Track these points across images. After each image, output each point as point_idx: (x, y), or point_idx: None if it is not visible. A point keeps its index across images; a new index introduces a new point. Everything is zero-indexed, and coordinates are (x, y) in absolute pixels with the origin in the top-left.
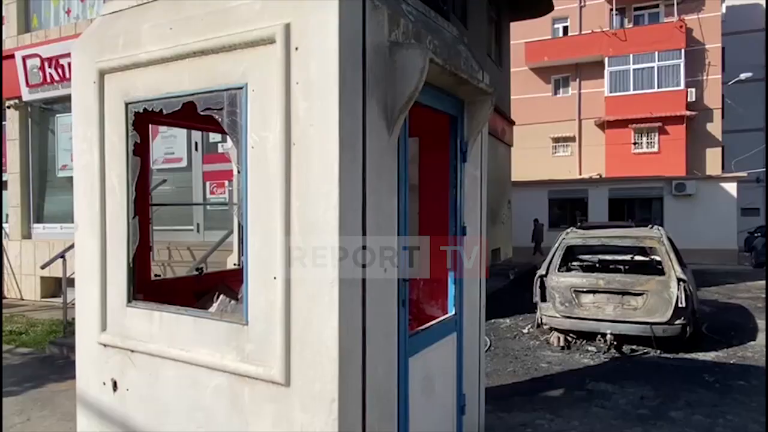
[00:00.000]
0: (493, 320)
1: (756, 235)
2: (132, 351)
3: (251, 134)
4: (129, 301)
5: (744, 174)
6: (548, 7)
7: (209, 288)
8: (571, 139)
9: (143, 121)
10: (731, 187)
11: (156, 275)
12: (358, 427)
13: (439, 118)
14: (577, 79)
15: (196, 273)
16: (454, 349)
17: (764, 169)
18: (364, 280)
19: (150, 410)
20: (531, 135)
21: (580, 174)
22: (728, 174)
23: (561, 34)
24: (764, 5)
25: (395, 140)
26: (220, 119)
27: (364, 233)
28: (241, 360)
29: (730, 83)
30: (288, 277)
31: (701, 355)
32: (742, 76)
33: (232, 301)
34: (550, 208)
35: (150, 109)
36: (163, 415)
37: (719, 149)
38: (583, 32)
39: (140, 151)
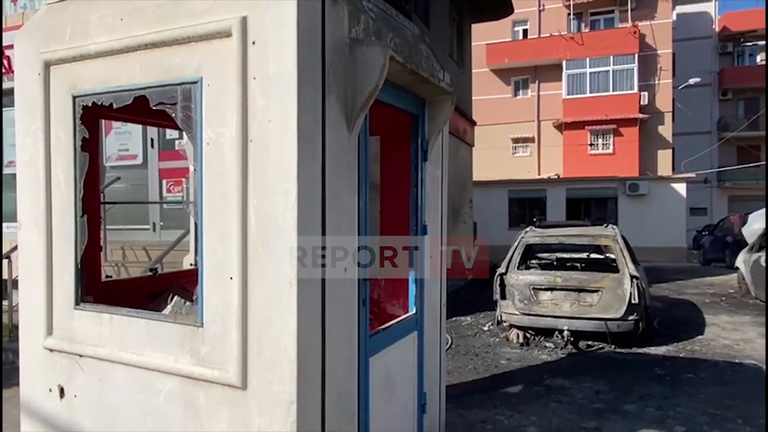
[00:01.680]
0: (454, 318)
1: (703, 233)
2: (80, 355)
3: (207, 130)
4: (77, 303)
5: (693, 175)
6: (508, 10)
7: (164, 289)
8: (531, 139)
9: (92, 115)
10: (681, 188)
11: (107, 276)
12: (317, 429)
13: (400, 116)
14: (537, 81)
15: (150, 274)
16: (415, 348)
17: (710, 170)
18: (323, 280)
19: (99, 417)
20: (492, 135)
21: (539, 174)
22: (678, 175)
23: (521, 36)
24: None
25: (356, 138)
26: (174, 115)
27: (323, 232)
28: (195, 363)
29: (679, 88)
30: (245, 277)
31: (653, 350)
32: (691, 81)
33: (187, 303)
34: (510, 208)
35: (99, 103)
36: (113, 421)
37: (670, 151)
38: (542, 35)
39: (89, 146)
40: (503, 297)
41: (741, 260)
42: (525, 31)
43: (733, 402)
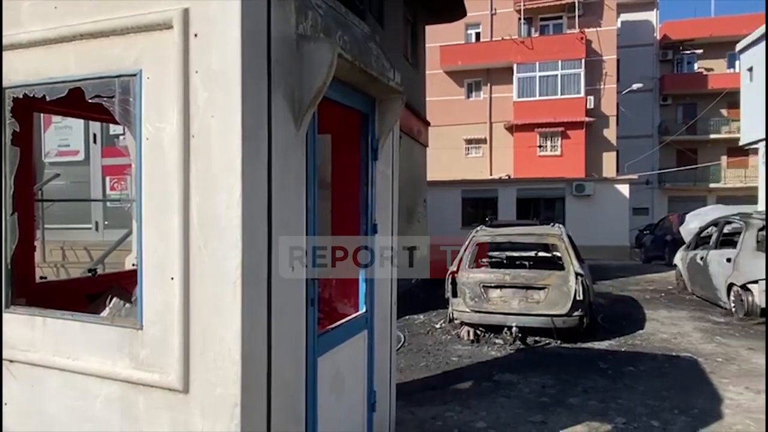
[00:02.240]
0: (407, 316)
1: (645, 232)
2: (11, 361)
3: (146, 125)
4: (7, 306)
5: (635, 176)
6: (461, 13)
7: (104, 290)
8: (483, 141)
9: (26, 108)
10: (624, 189)
11: (42, 277)
12: (262, 431)
13: (350, 115)
14: (489, 84)
15: (90, 275)
16: (365, 347)
17: (652, 172)
18: (269, 279)
19: (33, 425)
20: (446, 136)
21: (491, 174)
22: (621, 176)
23: (474, 39)
24: None
25: (303, 135)
26: (111, 108)
27: (269, 230)
28: (134, 367)
29: (623, 92)
30: (187, 277)
31: (596, 344)
32: (634, 86)
33: (127, 304)
34: (463, 207)
35: (32, 95)
36: (48, 429)
37: (614, 153)
38: (494, 39)
39: (21, 140)
40: (455, 295)
41: (679, 258)
42: (478, 35)
43: (669, 393)
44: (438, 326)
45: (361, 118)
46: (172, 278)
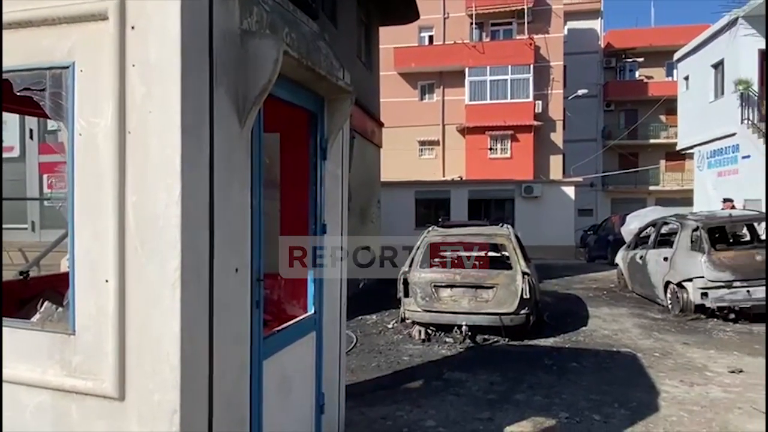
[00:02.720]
0: (360, 317)
1: (589, 232)
2: None
3: (79, 120)
4: None
5: (580, 179)
6: (414, 16)
7: (36, 294)
8: (436, 142)
9: None
10: (570, 191)
11: None
12: None
13: (298, 114)
14: (441, 87)
15: (21, 277)
16: (314, 348)
17: (596, 175)
18: (211, 281)
19: None
20: (399, 137)
21: (444, 176)
22: (568, 179)
23: (427, 42)
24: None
25: (248, 133)
26: (42, 102)
27: (211, 230)
28: (67, 374)
29: (569, 98)
30: (122, 279)
31: (542, 341)
32: (580, 92)
33: (59, 308)
34: (416, 208)
35: None
36: None
37: (561, 156)
38: (446, 42)
39: None
40: (407, 295)
41: (620, 257)
42: (431, 37)
43: (610, 387)
44: (390, 326)
45: (310, 117)
46: (107, 281)
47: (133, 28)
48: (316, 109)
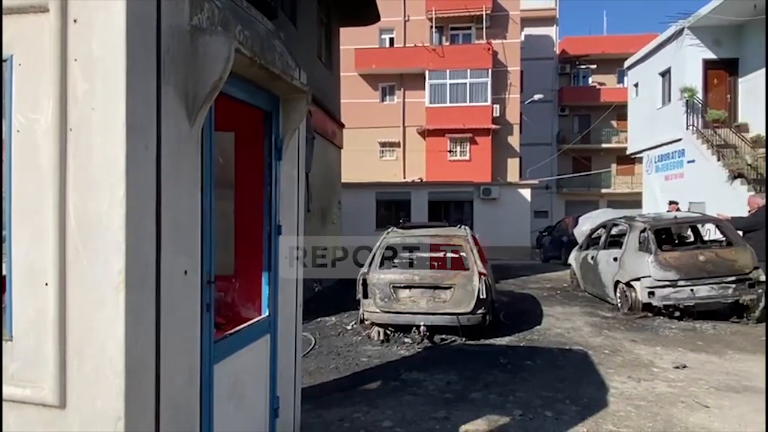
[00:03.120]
0: (319, 319)
1: (544, 234)
2: None
3: (17, 115)
4: None
5: (536, 181)
6: (375, 17)
7: None
8: (397, 144)
9: None
10: (526, 193)
11: None
12: None
13: (253, 113)
14: (402, 89)
15: None
16: (268, 352)
17: (551, 178)
18: (158, 284)
19: None
20: (360, 138)
21: (404, 177)
22: (524, 181)
23: (388, 44)
24: None
25: (198, 131)
26: None
27: (158, 231)
28: (4, 382)
29: (526, 102)
30: (63, 282)
31: (498, 340)
32: (536, 97)
33: None
34: (377, 209)
35: None
36: None
37: (517, 159)
38: (407, 45)
39: None
40: (365, 296)
41: (572, 258)
42: (392, 40)
43: (562, 384)
44: (349, 327)
45: (265, 117)
46: (47, 284)
47: (75, 21)
48: (270, 108)
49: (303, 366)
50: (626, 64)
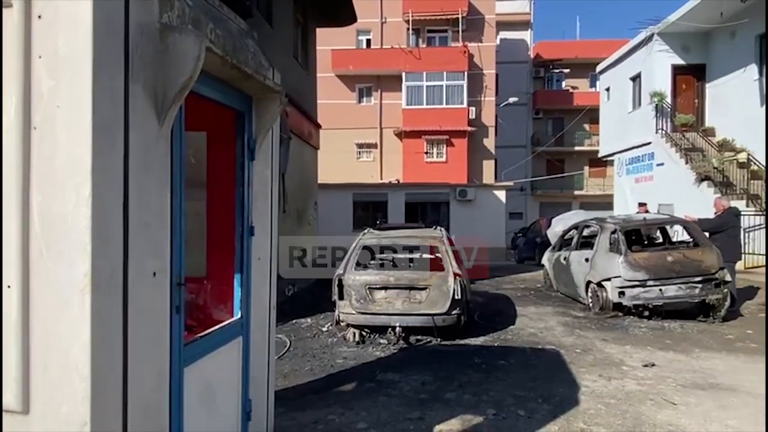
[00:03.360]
0: (294, 320)
1: (518, 235)
2: None
3: None
4: None
5: (511, 183)
6: (352, 19)
7: None
8: (374, 145)
9: None
10: (501, 194)
11: None
12: None
13: (225, 113)
14: (379, 90)
15: None
16: (240, 354)
17: (525, 180)
18: (125, 286)
19: None
20: (337, 139)
21: (381, 179)
22: (499, 183)
23: (365, 45)
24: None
25: (168, 131)
26: None
27: (126, 233)
28: None
29: (501, 105)
30: (26, 285)
31: (473, 341)
32: (511, 100)
33: None
34: (354, 210)
35: None
36: None
37: (493, 161)
38: (384, 47)
39: None
40: (341, 297)
41: (546, 258)
42: (369, 41)
43: (535, 383)
44: (325, 329)
45: (237, 117)
46: (9, 286)
47: (40, 17)
48: (243, 108)
49: (277, 368)
50: (598, 68)
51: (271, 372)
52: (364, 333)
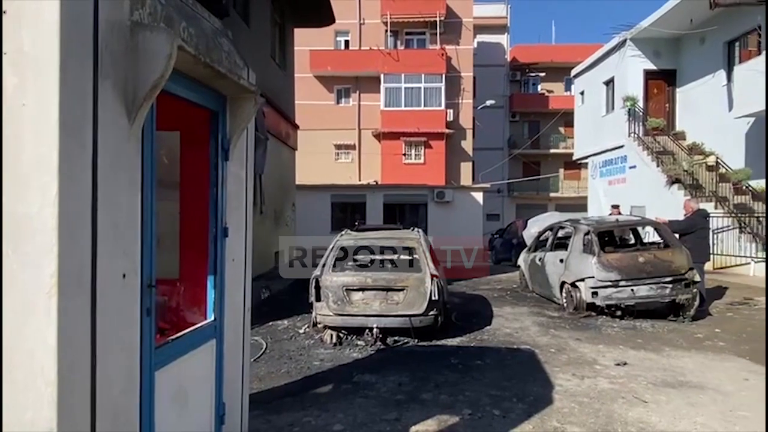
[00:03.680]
0: (271, 323)
1: (496, 236)
2: None
3: None
4: None
5: (488, 185)
6: (330, 19)
7: None
8: (352, 146)
9: None
10: (479, 196)
11: None
12: None
13: (199, 112)
14: (358, 91)
15: None
16: (213, 357)
17: (502, 182)
18: (94, 287)
19: None
20: (315, 140)
21: (360, 180)
22: (477, 185)
23: (343, 46)
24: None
25: (139, 130)
26: None
27: (94, 233)
28: None
29: (479, 108)
30: None
31: (450, 341)
32: (488, 102)
33: None
34: (332, 211)
35: None
36: None
37: (470, 163)
38: (362, 48)
39: None
40: (318, 299)
41: (521, 259)
42: (347, 42)
43: (510, 383)
44: (302, 331)
45: (211, 116)
46: None
47: (5, 12)
48: (217, 107)
49: (253, 371)
50: (573, 72)
51: (246, 375)
52: (341, 334)
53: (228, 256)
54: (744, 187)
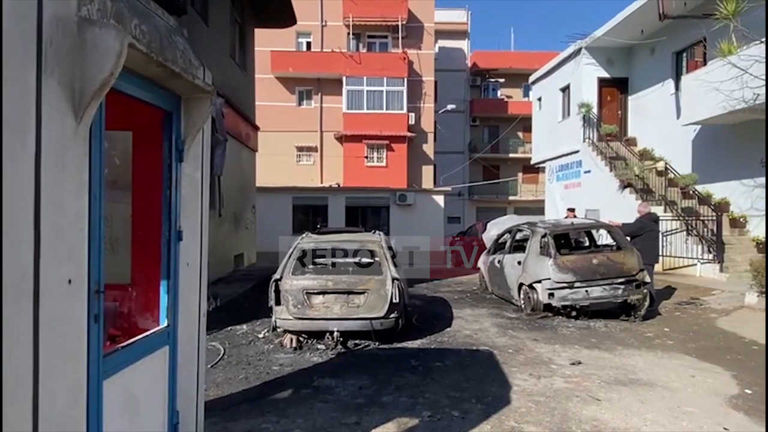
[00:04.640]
0: (229, 327)
1: (456, 238)
2: None
3: None
4: None
5: (449, 188)
6: (291, 21)
7: None
8: (314, 149)
9: None
10: (440, 199)
11: None
12: None
13: (152, 112)
14: (319, 93)
15: None
16: (166, 364)
17: (463, 185)
18: (37, 294)
19: None
20: (276, 142)
21: (322, 182)
22: (438, 188)
23: (305, 48)
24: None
25: (86, 129)
26: None
27: (37, 237)
28: None
29: (440, 112)
30: None
31: (410, 344)
32: (449, 107)
33: None
34: (294, 214)
35: None
36: None
37: (432, 167)
38: (324, 50)
39: None
40: (278, 303)
41: (481, 261)
42: (309, 44)
43: (469, 384)
44: (261, 336)
45: (165, 116)
46: None
47: None
48: (171, 107)
49: (210, 377)
50: (531, 79)
51: (201, 382)
52: (301, 339)
53: (182, 260)
54: (691, 192)
